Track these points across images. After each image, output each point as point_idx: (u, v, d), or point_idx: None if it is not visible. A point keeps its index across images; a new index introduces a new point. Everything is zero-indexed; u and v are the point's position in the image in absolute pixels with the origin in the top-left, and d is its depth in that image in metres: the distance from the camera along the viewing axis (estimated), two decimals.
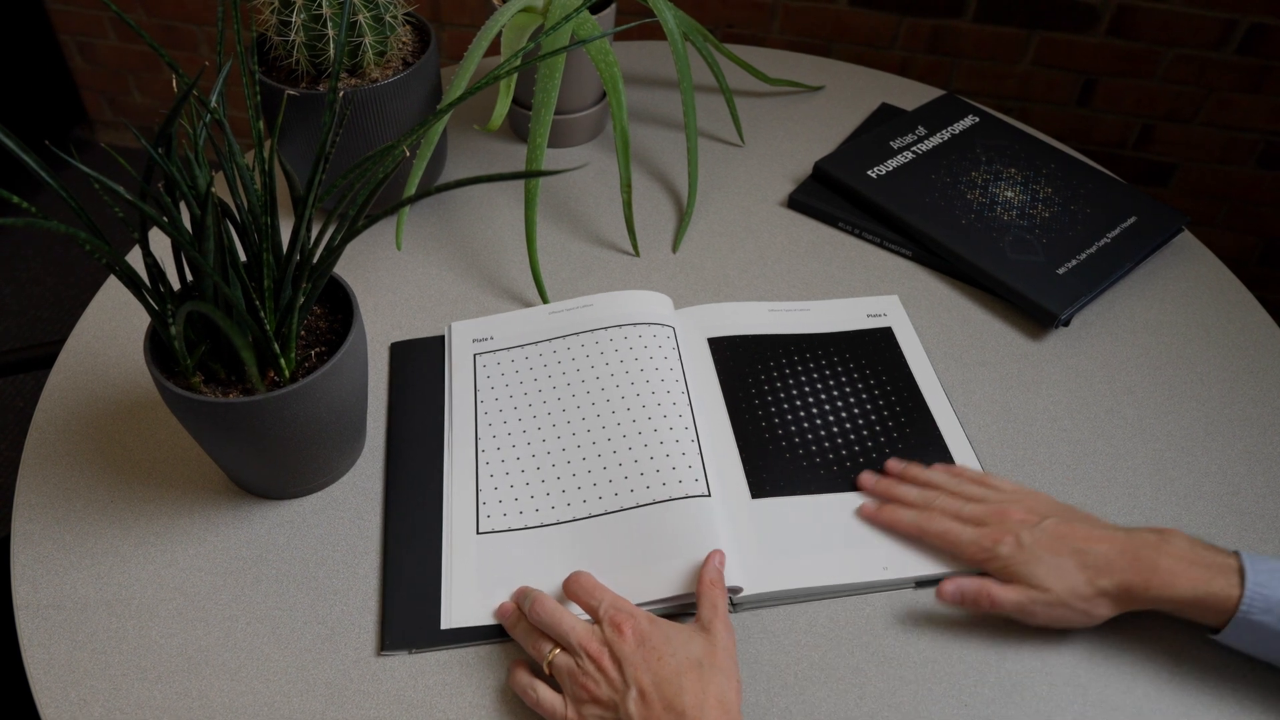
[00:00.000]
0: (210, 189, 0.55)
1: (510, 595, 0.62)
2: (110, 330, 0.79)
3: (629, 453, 0.68)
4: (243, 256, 0.82)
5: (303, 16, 0.77)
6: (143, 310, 0.81)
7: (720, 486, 0.67)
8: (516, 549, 0.64)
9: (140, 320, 0.81)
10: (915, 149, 0.95)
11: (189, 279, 0.62)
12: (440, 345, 0.78)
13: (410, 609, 0.62)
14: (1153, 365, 0.79)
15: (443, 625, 0.61)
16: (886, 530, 0.66)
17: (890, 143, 0.96)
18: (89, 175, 0.51)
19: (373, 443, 0.72)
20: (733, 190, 0.95)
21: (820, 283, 0.85)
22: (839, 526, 0.66)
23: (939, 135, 0.97)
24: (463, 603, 0.62)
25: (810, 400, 0.74)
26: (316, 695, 0.58)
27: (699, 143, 1.01)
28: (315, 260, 0.59)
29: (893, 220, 0.89)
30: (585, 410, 0.71)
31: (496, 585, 0.62)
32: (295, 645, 0.60)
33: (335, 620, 0.62)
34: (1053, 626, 0.61)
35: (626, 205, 0.86)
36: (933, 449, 0.71)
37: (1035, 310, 0.80)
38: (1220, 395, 0.77)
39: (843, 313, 0.82)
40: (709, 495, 0.65)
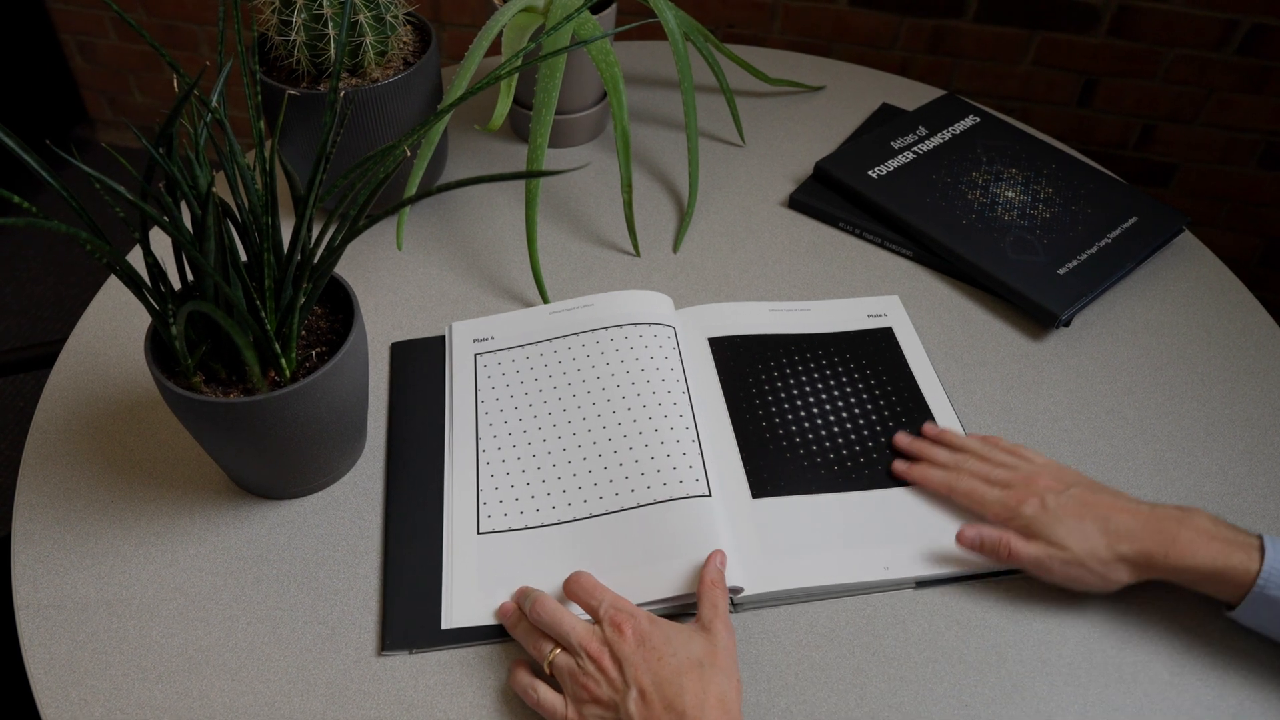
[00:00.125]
0: (211, 189, 0.55)
1: (511, 595, 0.62)
2: (111, 330, 0.79)
3: (630, 453, 0.68)
4: (243, 256, 0.82)
5: (303, 16, 0.77)
6: (143, 310, 0.81)
7: (721, 486, 0.67)
8: (517, 549, 0.64)
9: (140, 320, 0.81)
10: (916, 149, 0.95)
11: (190, 279, 0.62)
12: (441, 345, 0.78)
13: (411, 609, 0.62)
14: (1153, 366, 0.79)
15: (443, 625, 0.61)
16: (893, 523, 0.66)
17: (891, 143, 0.96)
18: (90, 175, 0.51)
19: (373, 443, 0.72)
20: (733, 190, 0.95)
21: (821, 283, 0.85)
22: (840, 526, 0.66)
23: (940, 135, 0.97)
24: (463, 603, 0.62)
25: (811, 400, 0.74)
26: (317, 695, 0.58)
27: (700, 143, 1.01)
28: (316, 260, 0.59)
29: (893, 220, 0.89)
30: (586, 410, 0.71)
31: (497, 585, 0.62)
32: (296, 645, 0.60)
33: (336, 620, 0.62)
34: (1068, 587, 0.62)
35: (627, 205, 0.86)
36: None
37: (1036, 310, 0.80)
38: (1221, 396, 0.77)
39: (843, 313, 0.82)
40: (710, 495, 0.65)
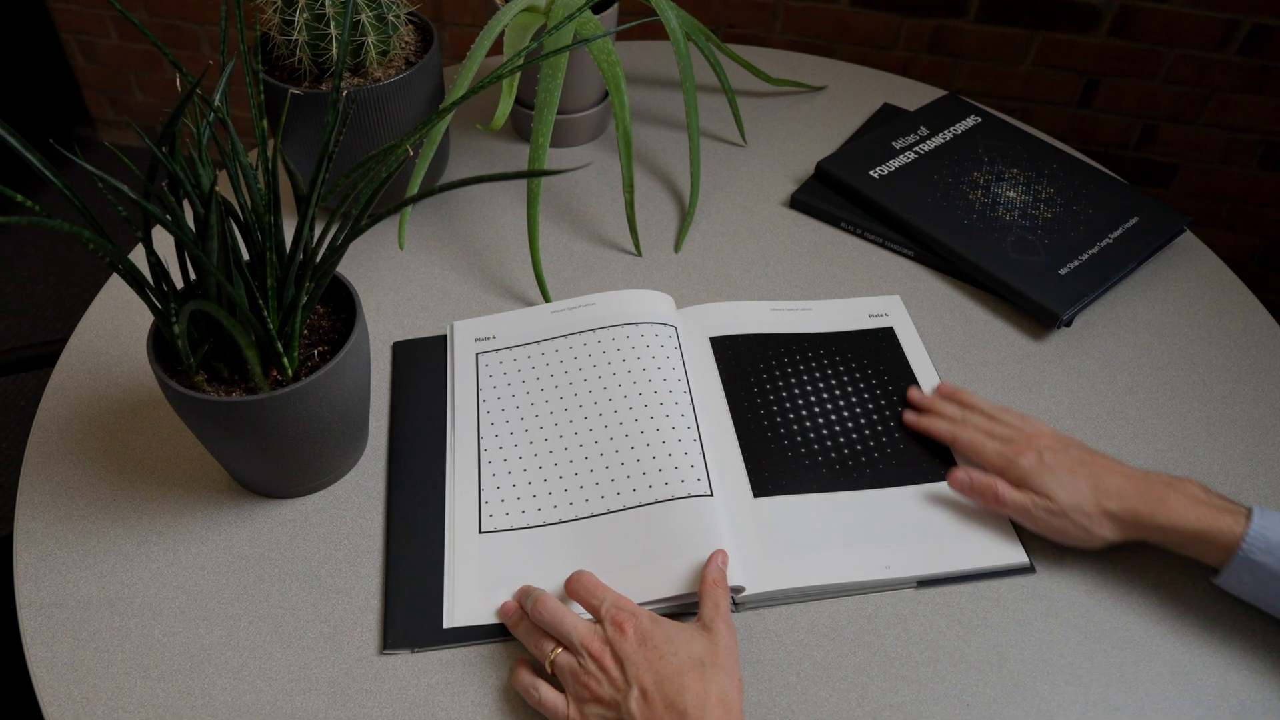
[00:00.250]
0: (214, 188, 0.55)
1: (512, 594, 0.62)
2: (113, 329, 0.80)
3: (631, 452, 0.68)
4: (246, 255, 0.82)
5: (305, 16, 0.77)
6: (144, 309, 0.81)
7: (722, 486, 0.67)
8: (519, 548, 0.64)
9: (142, 319, 0.81)
10: (917, 149, 0.95)
11: (192, 278, 0.62)
12: (442, 344, 0.78)
13: (412, 608, 0.62)
14: (1155, 366, 0.79)
15: (445, 624, 0.61)
16: (894, 523, 0.66)
17: (892, 143, 0.96)
18: (94, 174, 0.51)
19: (375, 442, 0.72)
20: (735, 190, 0.96)
21: (822, 282, 0.85)
22: (841, 526, 0.66)
23: (941, 135, 0.97)
24: (465, 602, 0.62)
25: (812, 400, 0.74)
26: (319, 694, 0.58)
27: (701, 142, 1.01)
28: (318, 259, 0.60)
29: (895, 220, 0.89)
30: (587, 409, 0.71)
31: (498, 584, 0.62)
32: (298, 644, 0.60)
33: (337, 619, 0.62)
34: (1051, 537, 0.64)
35: (629, 205, 0.86)
36: (935, 449, 0.71)
37: (1037, 310, 0.80)
38: (1222, 396, 0.77)
39: (845, 312, 0.82)
40: (711, 495, 0.65)
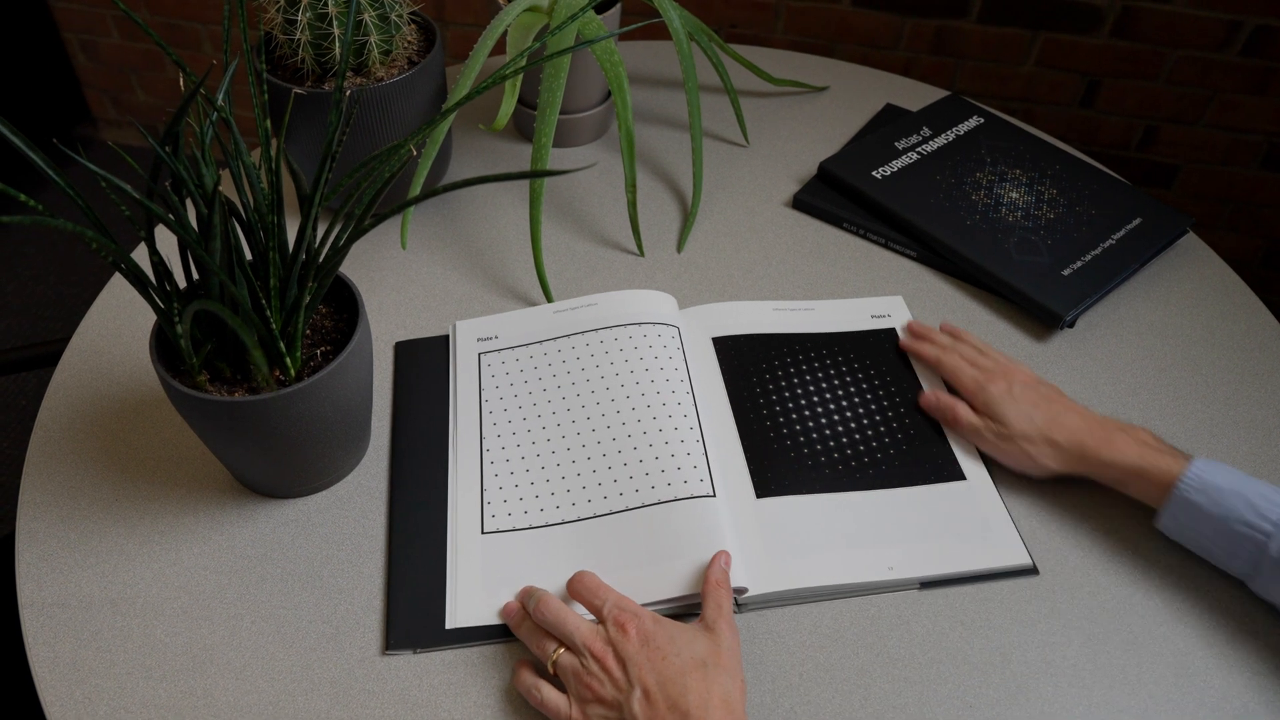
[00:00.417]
0: (217, 187, 0.55)
1: (515, 595, 0.62)
2: (115, 329, 0.79)
3: (634, 452, 0.68)
4: (249, 255, 0.82)
5: (308, 15, 0.77)
6: (146, 309, 0.81)
7: (725, 486, 0.67)
8: (521, 549, 0.64)
9: (144, 318, 0.81)
10: (920, 150, 0.95)
11: (195, 277, 0.62)
12: (445, 344, 0.78)
13: (415, 608, 0.62)
14: (1157, 367, 0.79)
15: (447, 625, 0.61)
16: (897, 523, 0.66)
17: (895, 143, 0.96)
18: (97, 174, 0.51)
19: (377, 442, 0.72)
20: (737, 190, 0.95)
21: (825, 283, 0.85)
22: (844, 527, 0.66)
23: (944, 136, 0.97)
24: (467, 602, 0.62)
25: (815, 400, 0.74)
26: (321, 694, 0.58)
27: (704, 143, 1.01)
28: (321, 259, 0.59)
29: (897, 221, 0.89)
30: (590, 410, 0.71)
31: (501, 585, 0.62)
32: (300, 644, 0.60)
33: (340, 619, 0.62)
34: (997, 459, 0.69)
35: (631, 205, 0.86)
36: (937, 449, 0.71)
37: (1040, 311, 0.80)
38: (1225, 397, 0.77)
39: (847, 313, 0.82)
40: (714, 495, 0.65)
